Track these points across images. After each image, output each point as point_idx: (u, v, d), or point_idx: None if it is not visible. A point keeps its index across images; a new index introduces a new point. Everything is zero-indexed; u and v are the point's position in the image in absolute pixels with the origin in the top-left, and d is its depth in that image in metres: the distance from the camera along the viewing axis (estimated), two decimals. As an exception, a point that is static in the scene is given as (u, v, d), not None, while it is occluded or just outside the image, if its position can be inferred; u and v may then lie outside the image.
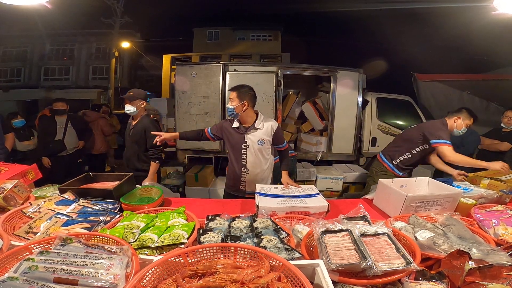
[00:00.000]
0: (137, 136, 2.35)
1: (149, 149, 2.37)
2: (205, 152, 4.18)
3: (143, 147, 2.38)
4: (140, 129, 2.35)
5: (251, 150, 1.99)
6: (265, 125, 1.99)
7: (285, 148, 2.12)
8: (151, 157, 2.37)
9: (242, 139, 1.98)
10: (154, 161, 2.36)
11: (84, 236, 0.94)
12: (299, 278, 0.72)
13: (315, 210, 1.45)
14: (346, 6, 8.93)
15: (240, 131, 1.99)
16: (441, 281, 0.83)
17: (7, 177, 1.62)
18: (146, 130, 2.33)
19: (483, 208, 1.46)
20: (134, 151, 2.39)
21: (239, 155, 2.01)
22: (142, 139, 2.36)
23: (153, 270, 0.75)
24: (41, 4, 2.03)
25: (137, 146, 2.37)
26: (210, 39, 15.82)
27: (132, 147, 2.39)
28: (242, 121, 1.99)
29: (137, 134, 2.36)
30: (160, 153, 2.49)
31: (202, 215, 1.28)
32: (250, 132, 1.97)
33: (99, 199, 1.46)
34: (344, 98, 4.15)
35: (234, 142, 2.01)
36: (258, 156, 2.01)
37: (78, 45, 16.66)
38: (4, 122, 3.16)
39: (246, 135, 1.97)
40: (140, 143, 2.37)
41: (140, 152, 2.38)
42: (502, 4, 1.93)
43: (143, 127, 2.34)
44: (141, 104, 2.36)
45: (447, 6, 6.80)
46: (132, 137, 2.38)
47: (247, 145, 1.98)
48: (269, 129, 2.00)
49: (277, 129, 2.03)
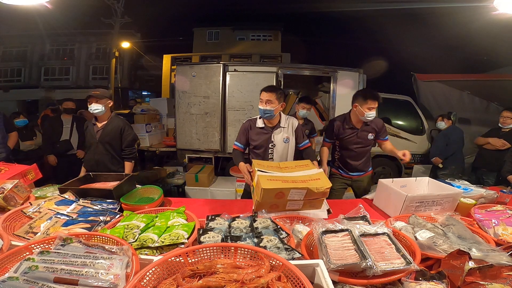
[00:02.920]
0: (109, 137, 2.27)
1: (124, 149, 2.34)
2: (205, 152, 4.18)
3: (118, 148, 2.32)
4: (114, 129, 2.29)
5: (277, 149, 1.99)
6: (288, 123, 2.02)
7: (307, 146, 2.07)
8: (126, 157, 2.35)
9: (268, 138, 1.98)
10: (130, 160, 2.35)
11: (84, 236, 0.94)
12: (299, 278, 0.72)
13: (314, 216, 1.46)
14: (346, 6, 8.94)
15: (266, 131, 1.98)
16: (441, 281, 0.83)
17: (7, 177, 1.62)
18: (123, 129, 2.31)
19: (483, 208, 1.46)
20: (105, 152, 2.29)
21: (266, 155, 1.99)
22: (116, 139, 2.30)
23: (153, 270, 0.75)
24: (41, 4, 2.04)
25: (109, 147, 2.28)
26: (210, 39, 15.83)
27: (102, 149, 2.28)
28: (268, 121, 1.98)
29: (109, 135, 2.28)
30: (135, 152, 2.46)
31: (202, 215, 1.28)
32: (276, 131, 1.98)
33: (99, 199, 1.46)
34: (344, 98, 4.13)
35: (261, 142, 1.99)
36: (285, 154, 2.01)
37: (78, 45, 16.67)
38: (7, 121, 3.18)
39: (273, 135, 1.97)
40: (113, 144, 2.30)
41: (114, 153, 2.32)
42: (502, 4, 1.93)
43: (118, 126, 2.30)
44: (109, 103, 2.27)
45: (447, 6, 6.81)
46: (102, 138, 2.27)
47: (274, 144, 1.98)
48: (291, 127, 2.02)
49: (297, 126, 2.04)
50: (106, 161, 2.29)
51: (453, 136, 3.66)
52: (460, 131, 3.72)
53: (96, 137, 2.28)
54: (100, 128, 2.29)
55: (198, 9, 19.63)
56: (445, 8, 7.42)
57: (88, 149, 2.36)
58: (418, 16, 10.37)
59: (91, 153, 2.30)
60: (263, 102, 1.88)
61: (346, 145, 2.28)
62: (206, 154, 4.22)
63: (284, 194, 1.40)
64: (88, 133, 2.32)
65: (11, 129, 3.19)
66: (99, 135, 2.28)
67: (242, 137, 2.03)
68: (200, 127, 4.04)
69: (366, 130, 2.21)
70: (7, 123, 3.14)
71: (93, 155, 2.30)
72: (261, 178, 1.42)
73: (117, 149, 2.33)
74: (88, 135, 2.32)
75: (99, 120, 2.31)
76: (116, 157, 2.33)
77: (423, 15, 10.16)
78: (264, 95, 1.88)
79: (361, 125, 2.21)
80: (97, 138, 2.28)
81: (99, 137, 2.28)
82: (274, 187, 1.36)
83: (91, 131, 2.31)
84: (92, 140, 2.30)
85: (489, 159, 3.14)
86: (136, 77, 19.71)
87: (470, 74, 5.93)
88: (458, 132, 3.70)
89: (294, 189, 1.38)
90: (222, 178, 4.07)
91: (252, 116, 2.13)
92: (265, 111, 1.88)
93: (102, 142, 2.27)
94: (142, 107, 5.17)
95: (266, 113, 1.89)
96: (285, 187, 1.37)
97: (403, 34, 12.21)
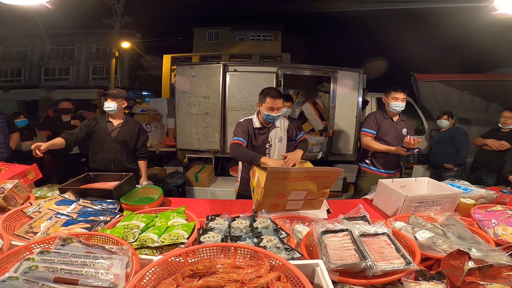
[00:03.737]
0: (126, 136, 2.31)
1: (140, 148, 2.40)
2: (205, 152, 4.18)
3: (132, 147, 2.36)
4: (132, 129, 2.34)
5: (273, 149, 2.00)
6: (281, 123, 2.03)
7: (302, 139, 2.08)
8: (142, 156, 2.41)
9: (266, 138, 1.98)
10: (144, 159, 2.41)
11: (84, 236, 0.94)
12: (299, 278, 0.72)
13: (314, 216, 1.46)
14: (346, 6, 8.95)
15: (263, 131, 1.98)
16: (440, 281, 0.83)
17: (7, 177, 1.62)
18: (140, 130, 2.38)
19: (482, 208, 1.46)
20: (121, 151, 2.31)
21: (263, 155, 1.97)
22: (132, 139, 2.34)
23: (153, 270, 0.75)
24: (41, 4, 2.03)
25: (125, 146, 2.31)
26: (210, 39, 15.82)
27: (119, 147, 2.30)
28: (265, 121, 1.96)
29: (126, 135, 2.31)
30: (148, 151, 2.52)
31: (202, 215, 1.28)
32: (272, 131, 1.99)
33: (99, 199, 1.47)
34: (344, 98, 4.14)
35: (259, 142, 1.99)
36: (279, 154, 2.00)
37: (78, 45, 16.67)
38: (10, 122, 3.19)
39: (269, 135, 1.99)
40: (129, 143, 2.33)
41: (128, 151, 2.35)
42: (502, 4, 1.92)
43: (135, 127, 2.37)
44: (123, 103, 2.30)
45: (447, 6, 6.81)
46: (119, 137, 2.29)
47: (270, 144, 1.99)
48: (283, 126, 2.04)
49: (288, 125, 2.06)
50: (122, 159, 2.32)
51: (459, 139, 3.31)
52: (465, 132, 3.41)
53: (112, 135, 2.28)
54: (116, 126, 2.30)
55: (198, 9, 19.61)
56: (445, 8, 7.42)
57: (98, 147, 2.30)
58: (418, 16, 10.37)
59: (105, 151, 2.28)
60: (274, 109, 1.83)
61: (382, 137, 2.36)
62: (206, 154, 4.22)
63: (285, 195, 1.40)
64: (100, 130, 2.27)
65: (13, 129, 3.21)
66: (115, 134, 2.28)
67: (244, 135, 1.96)
68: (200, 127, 4.04)
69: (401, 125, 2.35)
70: (9, 124, 3.16)
71: (107, 153, 2.28)
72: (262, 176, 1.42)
73: (131, 148, 2.37)
74: (101, 132, 2.27)
75: (112, 118, 2.31)
76: (130, 156, 2.38)
77: (423, 15, 10.17)
78: (276, 102, 1.81)
79: (397, 118, 2.35)
80: (113, 136, 2.28)
81: (116, 136, 2.28)
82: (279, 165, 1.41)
83: (104, 128, 2.28)
84: (106, 138, 2.27)
85: (489, 159, 3.13)
86: (136, 77, 19.70)
87: (470, 74, 5.93)
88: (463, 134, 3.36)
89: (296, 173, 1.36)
90: (222, 178, 4.07)
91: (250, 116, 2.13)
92: (276, 117, 1.88)
93: (118, 141, 2.28)
94: (142, 107, 5.18)
95: (276, 119, 1.89)
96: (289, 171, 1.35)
97: (403, 34, 12.22)
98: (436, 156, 3.56)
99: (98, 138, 2.28)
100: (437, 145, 3.63)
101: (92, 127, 2.27)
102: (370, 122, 2.40)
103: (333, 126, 4.17)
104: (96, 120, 2.31)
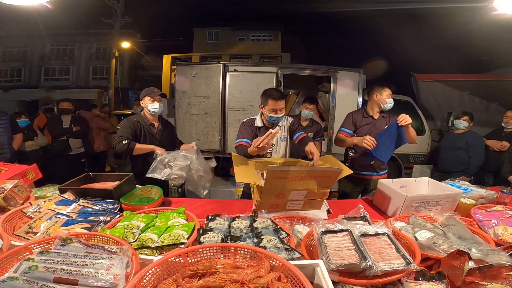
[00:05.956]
0: (169, 136, 2.31)
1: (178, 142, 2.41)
2: (205, 152, 4.18)
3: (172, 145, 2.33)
4: (170, 128, 2.37)
5: (276, 148, 1.99)
6: (284, 122, 2.02)
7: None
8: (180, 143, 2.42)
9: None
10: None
11: (84, 236, 0.94)
12: (299, 278, 0.72)
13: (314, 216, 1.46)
14: (346, 6, 8.95)
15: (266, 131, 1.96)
16: (441, 281, 0.83)
17: (7, 177, 1.61)
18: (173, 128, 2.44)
19: (483, 208, 1.46)
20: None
21: (264, 154, 1.96)
22: (172, 137, 2.37)
23: (153, 270, 0.75)
24: (41, 4, 2.03)
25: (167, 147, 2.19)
26: (210, 39, 15.82)
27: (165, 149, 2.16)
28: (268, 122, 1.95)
29: (169, 135, 2.31)
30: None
31: (202, 215, 1.28)
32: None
33: (99, 199, 1.46)
34: (344, 98, 4.14)
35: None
36: (281, 153, 2.01)
37: (78, 45, 16.67)
38: (13, 122, 3.19)
39: None
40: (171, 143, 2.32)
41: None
42: (502, 4, 1.92)
43: (171, 125, 2.42)
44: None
45: (447, 6, 6.81)
46: (164, 139, 2.22)
47: (273, 144, 1.98)
48: (287, 125, 2.03)
49: (290, 123, 2.04)
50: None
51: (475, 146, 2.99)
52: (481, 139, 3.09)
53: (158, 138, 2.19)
54: (159, 129, 2.22)
55: (198, 9, 19.60)
56: (445, 9, 7.43)
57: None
58: (418, 16, 10.37)
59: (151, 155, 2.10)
60: (277, 111, 1.82)
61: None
62: (206, 154, 4.20)
63: (284, 195, 1.40)
64: (147, 134, 2.15)
65: (17, 130, 3.20)
66: (159, 136, 2.20)
67: (249, 136, 1.94)
68: (200, 127, 4.04)
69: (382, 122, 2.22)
70: (12, 125, 3.15)
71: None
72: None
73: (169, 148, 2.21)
74: (148, 137, 2.15)
75: (153, 121, 2.21)
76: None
77: (423, 15, 10.16)
78: (278, 104, 1.80)
79: (379, 116, 2.25)
80: (159, 139, 2.19)
81: (160, 138, 2.20)
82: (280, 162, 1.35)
83: (151, 132, 2.16)
84: (154, 142, 2.14)
85: (489, 159, 3.13)
86: (136, 77, 19.70)
87: (470, 74, 5.92)
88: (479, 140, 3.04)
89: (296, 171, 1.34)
90: (222, 178, 4.07)
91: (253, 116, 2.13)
92: (280, 118, 1.86)
93: (163, 144, 2.18)
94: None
95: (280, 119, 1.88)
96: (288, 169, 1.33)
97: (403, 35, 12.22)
98: (444, 160, 3.26)
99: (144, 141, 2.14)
100: (447, 148, 3.25)
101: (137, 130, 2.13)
102: (347, 121, 2.32)
103: (333, 126, 4.17)
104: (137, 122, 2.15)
